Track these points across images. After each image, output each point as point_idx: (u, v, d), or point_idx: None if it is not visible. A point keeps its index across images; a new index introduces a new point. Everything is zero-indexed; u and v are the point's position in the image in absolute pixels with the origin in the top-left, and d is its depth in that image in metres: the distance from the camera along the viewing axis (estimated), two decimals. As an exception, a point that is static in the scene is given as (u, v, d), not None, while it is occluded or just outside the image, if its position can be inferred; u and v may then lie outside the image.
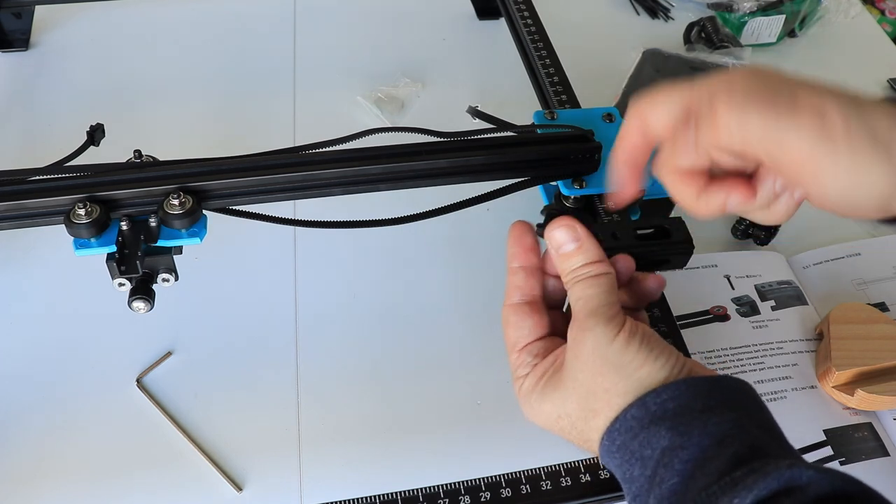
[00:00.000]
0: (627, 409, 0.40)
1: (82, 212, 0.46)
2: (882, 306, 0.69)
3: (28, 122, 0.81)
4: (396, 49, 0.90)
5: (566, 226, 0.44)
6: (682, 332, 0.60)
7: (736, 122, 0.36)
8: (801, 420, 0.61)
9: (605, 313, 0.41)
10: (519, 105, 0.70)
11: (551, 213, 0.48)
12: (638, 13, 0.98)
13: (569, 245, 0.44)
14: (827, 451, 0.59)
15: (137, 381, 0.62)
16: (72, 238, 0.47)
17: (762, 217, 0.41)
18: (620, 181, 0.44)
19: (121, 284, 0.48)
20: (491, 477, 0.54)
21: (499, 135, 0.54)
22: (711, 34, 0.89)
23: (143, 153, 0.52)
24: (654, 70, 0.84)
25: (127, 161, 0.51)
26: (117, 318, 0.64)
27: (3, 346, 0.64)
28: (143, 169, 0.49)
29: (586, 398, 0.41)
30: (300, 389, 0.62)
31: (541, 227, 0.47)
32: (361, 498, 0.53)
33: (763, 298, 0.69)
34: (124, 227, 0.47)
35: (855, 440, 0.60)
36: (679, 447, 0.37)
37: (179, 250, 0.50)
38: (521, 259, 0.46)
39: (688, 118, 0.39)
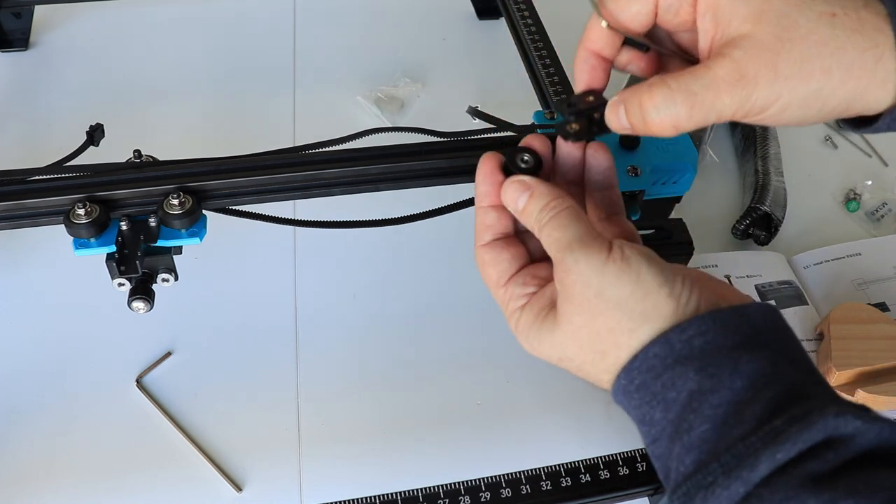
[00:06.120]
0: (648, 348, 0.36)
1: (82, 212, 0.46)
2: (882, 306, 0.69)
3: (28, 122, 0.81)
4: (396, 49, 0.89)
5: (513, 182, 0.41)
6: (683, 332, 0.60)
7: None
8: (802, 420, 0.61)
9: (582, 241, 0.37)
10: (519, 105, 0.69)
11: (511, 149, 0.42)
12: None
13: (522, 199, 0.40)
14: (827, 451, 0.59)
15: (137, 381, 0.62)
16: (71, 238, 0.47)
17: None
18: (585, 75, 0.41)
19: (120, 284, 0.48)
20: (491, 477, 0.54)
21: (499, 135, 0.54)
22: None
23: (143, 153, 0.51)
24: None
25: (126, 161, 0.51)
26: (117, 319, 0.64)
27: (4, 346, 0.64)
28: (142, 169, 0.49)
29: (589, 341, 0.37)
30: (300, 389, 0.62)
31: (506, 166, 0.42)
32: (361, 498, 0.53)
33: (763, 298, 0.69)
34: (124, 227, 0.47)
35: (855, 440, 0.60)
36: (709, 390, 0.34)
37: (179, 250, 0.50)
38: (493, 198, 0.42)
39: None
